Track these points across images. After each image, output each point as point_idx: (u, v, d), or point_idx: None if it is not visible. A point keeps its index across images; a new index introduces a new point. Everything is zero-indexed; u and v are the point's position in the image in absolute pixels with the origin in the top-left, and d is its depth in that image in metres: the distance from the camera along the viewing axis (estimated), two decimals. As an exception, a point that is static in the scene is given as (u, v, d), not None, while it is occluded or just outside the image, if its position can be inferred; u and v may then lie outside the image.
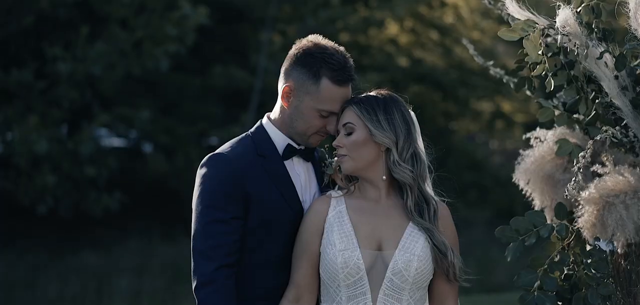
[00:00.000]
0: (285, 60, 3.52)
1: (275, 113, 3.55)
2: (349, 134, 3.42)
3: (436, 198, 3.50)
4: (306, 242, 3.43)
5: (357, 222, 3.41)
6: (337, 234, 3.39)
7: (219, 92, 14.98)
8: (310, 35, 3.53)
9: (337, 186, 3.57)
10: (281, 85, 3.49)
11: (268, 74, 14.61)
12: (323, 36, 3.54)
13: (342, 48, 3.51)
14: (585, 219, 3.58)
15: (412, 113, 3.50)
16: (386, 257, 3.38)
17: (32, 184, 11.86)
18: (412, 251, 3.36)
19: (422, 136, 3.53)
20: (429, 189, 3.50)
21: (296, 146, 3.52)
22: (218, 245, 3.35)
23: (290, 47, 3.56)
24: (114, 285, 11.53)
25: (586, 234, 3.59)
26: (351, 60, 3.50)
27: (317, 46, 3.47)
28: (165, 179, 15.28)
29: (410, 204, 3.41)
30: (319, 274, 3.45)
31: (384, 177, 3.43)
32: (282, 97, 3.48)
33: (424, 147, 3.53)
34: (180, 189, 13.92)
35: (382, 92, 3.48)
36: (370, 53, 16.94)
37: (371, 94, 3.47)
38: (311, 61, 3.43)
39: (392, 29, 17.52)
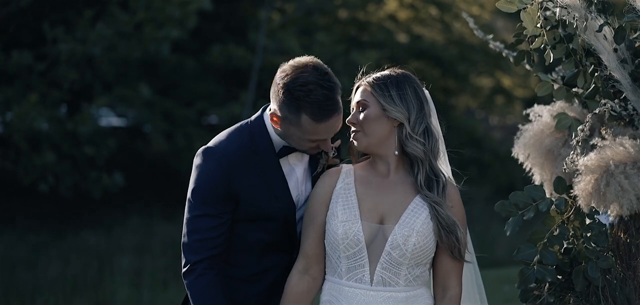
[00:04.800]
0: (273, 83, 3.44)
1: None
2: (363, 110, 3.44)
3: (447, 175, 3.51)
4: (314, 212, 3.48)
5: (362, 195, 3.44)
6: (341, 205, 3.43)
7: (218, 71, 14.93)
8: (295, 60, 3.39)
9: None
10: (270, 107, 3.45)
11: (267, 52, 14.53)
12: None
13: (328, 72, 3.37)
14: (581, 187, 3.58)
15: (426, 91, 3.54)
16: (387, 230, 3.40)
17: (32, 163, 11.85)
18: (411, 226, 3.38)
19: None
20: (443, 166, 3.52)
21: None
22: (204, 239, 3.44)
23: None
24: (115, 265, 11.53)
25: (582, 202, 3.59)
26: (337, 87, 3.36)
27: (296, 81, 3.33)
28: (165, 158, 15.27)
29: (420, 179, 3.42)
30: None
31: (396, 152, 3.44)
32: (271, 120, 3.45)
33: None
34: (181, 168, 13.90)
35: (397, 70, 3.50)
36: (369, 29, 16.86)
37: (385, 72, 3.50)
38: (290, 99, 3.34)
39: (391, 4, 17.44)
